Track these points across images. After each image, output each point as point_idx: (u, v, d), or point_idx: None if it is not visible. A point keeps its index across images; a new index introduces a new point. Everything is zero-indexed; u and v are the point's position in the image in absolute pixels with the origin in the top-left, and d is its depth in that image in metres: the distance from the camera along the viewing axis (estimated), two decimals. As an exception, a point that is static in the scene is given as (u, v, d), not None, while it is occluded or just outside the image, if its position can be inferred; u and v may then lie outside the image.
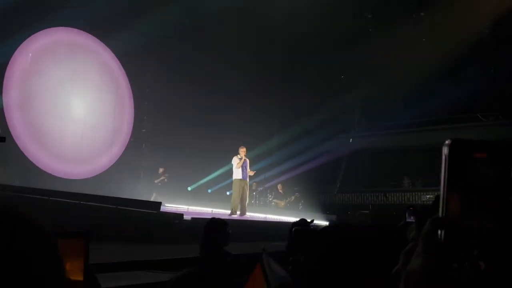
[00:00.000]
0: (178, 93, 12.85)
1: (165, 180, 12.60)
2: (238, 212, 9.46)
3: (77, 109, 11.28)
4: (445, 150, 0.62)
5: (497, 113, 13.41)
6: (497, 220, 0.59)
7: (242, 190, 9.38)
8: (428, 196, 12.86)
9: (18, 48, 9.97)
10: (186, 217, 7.31)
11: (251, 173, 9.64)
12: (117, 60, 12.28)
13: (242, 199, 9.46)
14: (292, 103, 14.96)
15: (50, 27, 10.58)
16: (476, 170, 0.61)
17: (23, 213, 0.56)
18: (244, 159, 9.37)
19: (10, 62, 9.81)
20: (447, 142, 0.62)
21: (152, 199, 11.02)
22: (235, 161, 9.42)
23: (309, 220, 2.80)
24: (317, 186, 14.16)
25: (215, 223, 2.96)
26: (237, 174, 9.37)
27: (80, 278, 0.99)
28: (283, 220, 9.88)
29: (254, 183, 13.06)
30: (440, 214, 0.62)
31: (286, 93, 15.08)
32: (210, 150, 12.85)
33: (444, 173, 0.61)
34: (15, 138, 9.46)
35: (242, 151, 9.40)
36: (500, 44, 12.89)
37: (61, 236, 0.67)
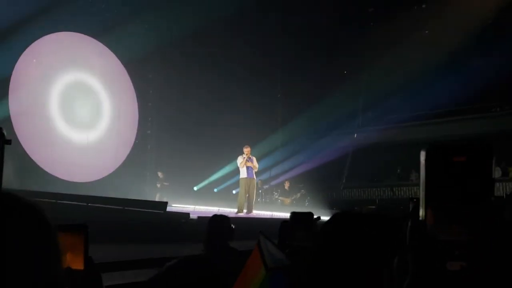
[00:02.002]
0: (182, 93, 12.89)
1: (165, 184, 12.56)
2: (245, 211, 9.52)
3: (82, 112, 11.36)
4: (422, 158, 0.61)
5: (504, 104, 13.33)
6: (470, 229, 0.59)
7: (248, 189, 9.45)
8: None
9: (23, 54, 10.06)
10: (192, 216, 7.36)
11: (255, 168, 9.60)
12: (120, 62, 12.34)
13: (249, 198, 9.53)
14: (295, 99, 14.95)
15: (53, 32, 10.67)
16: (456, 175, 0.59)
17: (25, 201, 0.59)
18: (249, 158, 9.43)
19: (15, 68, 9.90)
20: (424, 149, 0.61)
21: (156, 199, 11.09)
22: (239, 160, 9.51)
23: (315, 217, 2.77)
24: (322, 182, 14.15)
25: (216, 218, 2.98)
26: (242, 173, 9.48)
27: (81, 267, 1.08)
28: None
29: (260, 181, 13.07)
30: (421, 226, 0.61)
31: (289, 90, 15.07)
32: (215, 149, 12.88)
33: (422, 183, 0.60)
34: (21, 143, 9.55)
35: (247, 150, 9.46)
36: (503, 34, 12.80)
37: (63, 230, 0.72)
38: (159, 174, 12.68)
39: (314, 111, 14.19)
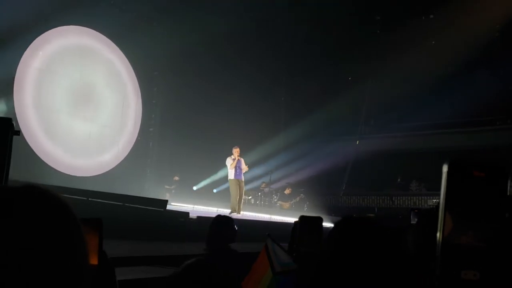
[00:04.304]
0: (186, 92, 12.91)
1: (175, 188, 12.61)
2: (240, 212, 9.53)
3: (85, 107, 11.37)
4: (444, 169, 0.65)
5: (506, 117, 13.33)
6: (486, 239, 0.62)
7: (239, 189, 9.44)
8: (434, 200, 12.80)
9: (29, 47, 10.07)
10: (192, 215, 7.35)
11: (246, 169, 9.57)
12: (126, 58, 12.37)
13: (239, 199, 9.54)
14: (298, 104, 14.96)
15: (60, 25, 10.69)
16: (474, 188, 0.64)
17: (53, 193, 0.59)
18: (238, 159, 9.41)
19: (21, 61, 9.92)
20: (447, 161, 0.66)
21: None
22: (228, 161, 9.49)
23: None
24: (322, 188, 14.15)
25: (220, 219, 2.97)
26: (230, 174, 9.44)
27: (95, 262, 1.07)
28: (288, 221, 9.90)
29: (264, 183, 13.14)
30: (438, 232, 0.65)
31: (292, 94, 15.08)
32: (217, 150, 12.88)
33: (443, 192, 0.65)
34: (25, 136, 9.56)
35: (236, 151, 9.45)
36: (510, 46, 12.80)
37: None
38: (175, 178, 12.68)
39: (317, 116, 14.20)
